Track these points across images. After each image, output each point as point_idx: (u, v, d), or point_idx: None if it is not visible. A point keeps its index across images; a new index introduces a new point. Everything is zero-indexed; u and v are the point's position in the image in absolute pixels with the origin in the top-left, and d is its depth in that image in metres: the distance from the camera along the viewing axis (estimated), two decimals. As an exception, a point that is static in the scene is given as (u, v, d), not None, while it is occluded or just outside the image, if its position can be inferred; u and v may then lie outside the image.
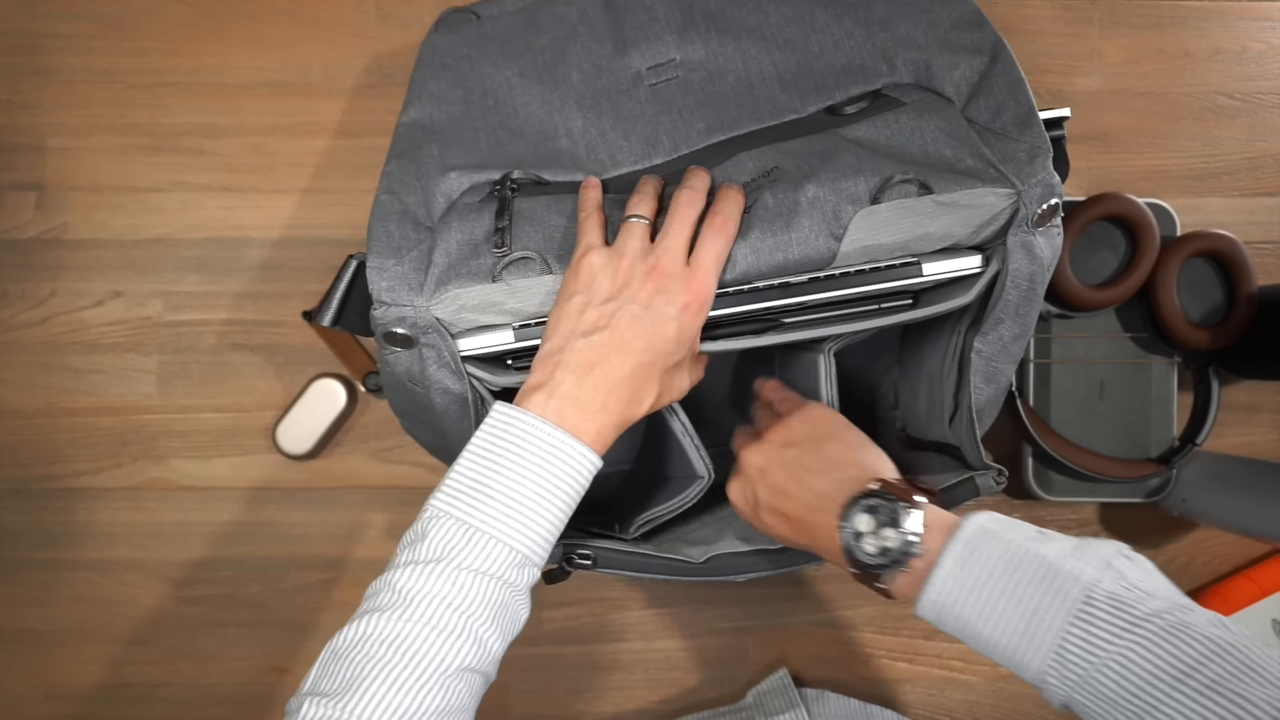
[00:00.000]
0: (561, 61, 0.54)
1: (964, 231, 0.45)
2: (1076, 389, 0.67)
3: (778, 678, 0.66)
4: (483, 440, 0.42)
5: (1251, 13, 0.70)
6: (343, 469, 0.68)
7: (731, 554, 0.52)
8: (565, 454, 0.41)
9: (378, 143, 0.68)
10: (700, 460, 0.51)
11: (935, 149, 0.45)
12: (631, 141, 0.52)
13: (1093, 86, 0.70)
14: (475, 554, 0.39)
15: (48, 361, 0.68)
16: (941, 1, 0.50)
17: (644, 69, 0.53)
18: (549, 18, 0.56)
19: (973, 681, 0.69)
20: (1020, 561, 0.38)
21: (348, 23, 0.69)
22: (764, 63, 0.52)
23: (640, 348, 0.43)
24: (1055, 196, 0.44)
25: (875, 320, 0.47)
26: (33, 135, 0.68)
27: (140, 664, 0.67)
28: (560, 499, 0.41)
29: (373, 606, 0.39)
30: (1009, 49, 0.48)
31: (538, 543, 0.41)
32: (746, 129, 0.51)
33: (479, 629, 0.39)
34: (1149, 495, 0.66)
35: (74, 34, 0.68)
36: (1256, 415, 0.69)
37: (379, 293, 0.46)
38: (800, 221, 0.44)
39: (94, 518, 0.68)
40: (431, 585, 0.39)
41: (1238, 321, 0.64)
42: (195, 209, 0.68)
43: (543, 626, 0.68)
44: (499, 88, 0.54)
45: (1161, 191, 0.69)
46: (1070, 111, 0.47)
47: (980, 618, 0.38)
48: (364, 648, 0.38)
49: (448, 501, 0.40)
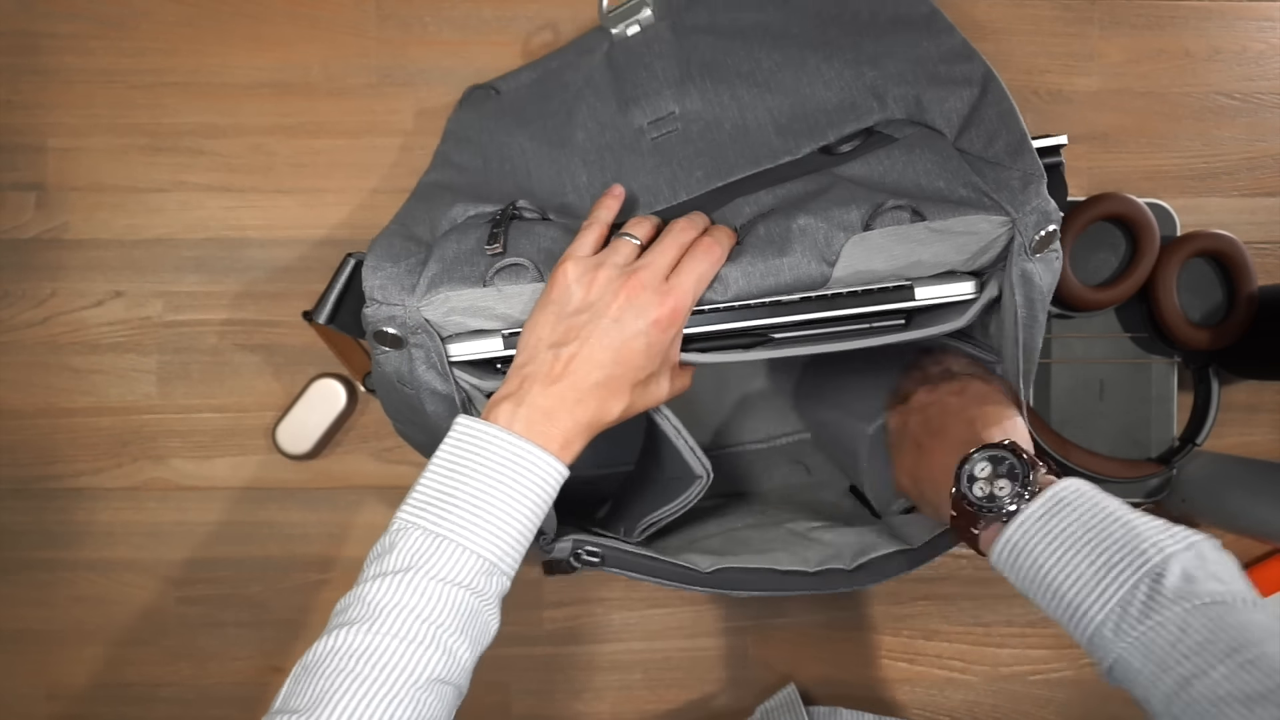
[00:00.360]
0: (569, 123, 0.56)
1: (959, 259, 0.46)
2: (1076, 389, 0.67)
3: (785, 694, 0.65)
4: (447, 453, 0.42)
5: (1251, 13, 0.70)
6: (343, 469, 0.68)
7: (739, 569, 0.53)
8: (530, 462, 0.41)
9: (378, 143, 0.68)
10: (697, 460, 0.51)
11: (928, 181, 0.46)
12: (633, 191, 0.53)
13: (1093, 86, 0.70)
14: (443, 562, 0.39)
15: (48, 361, 0.68)
16: (929, 36, 0.50)
17: (645, 124, 0.55)
18: (558, 84, 0.58)
19: (973, 681, 0.69)
20: (1108, 520, 0.40)
21: (348, 23, 0.69)
22: (758, 109, 0.53)
23: (608, 360, 0.43)
24: (1052, 223, 0.44)
25: (865, 340, 0.48)
26: (33, 135, 0.68)
27: (140, 664, 0.67)
28: (527, 507, 0.42)
29: (342, 620, 0.39)
30: (999, 79, 0.48)
31: (506, 550, 0.41)
32: (744, 173, 0.52)
33: (448, 639, 0.39)
34: (1149, 495, 0.66)
35: (74, 34, 0.68)
36: (1256, 415, 0.69)
37: (371, 290, 0.47)
38: (792, 248, 0.45)
39: (94, 518, 0.68)
40: (400, 596, 0.39)
41: (1238, 321, 0.64)
42: (195, 209, 0.68)
43: (543, 626, 0.68)
44: (514, 154, 0.56)
45: (1161, 191, 0.69)
46: (1066, 139, 0.47)
47: (1054, 561, 0.40)
48: (333, 661, 0.38)
49: (414, 513, 0.41)
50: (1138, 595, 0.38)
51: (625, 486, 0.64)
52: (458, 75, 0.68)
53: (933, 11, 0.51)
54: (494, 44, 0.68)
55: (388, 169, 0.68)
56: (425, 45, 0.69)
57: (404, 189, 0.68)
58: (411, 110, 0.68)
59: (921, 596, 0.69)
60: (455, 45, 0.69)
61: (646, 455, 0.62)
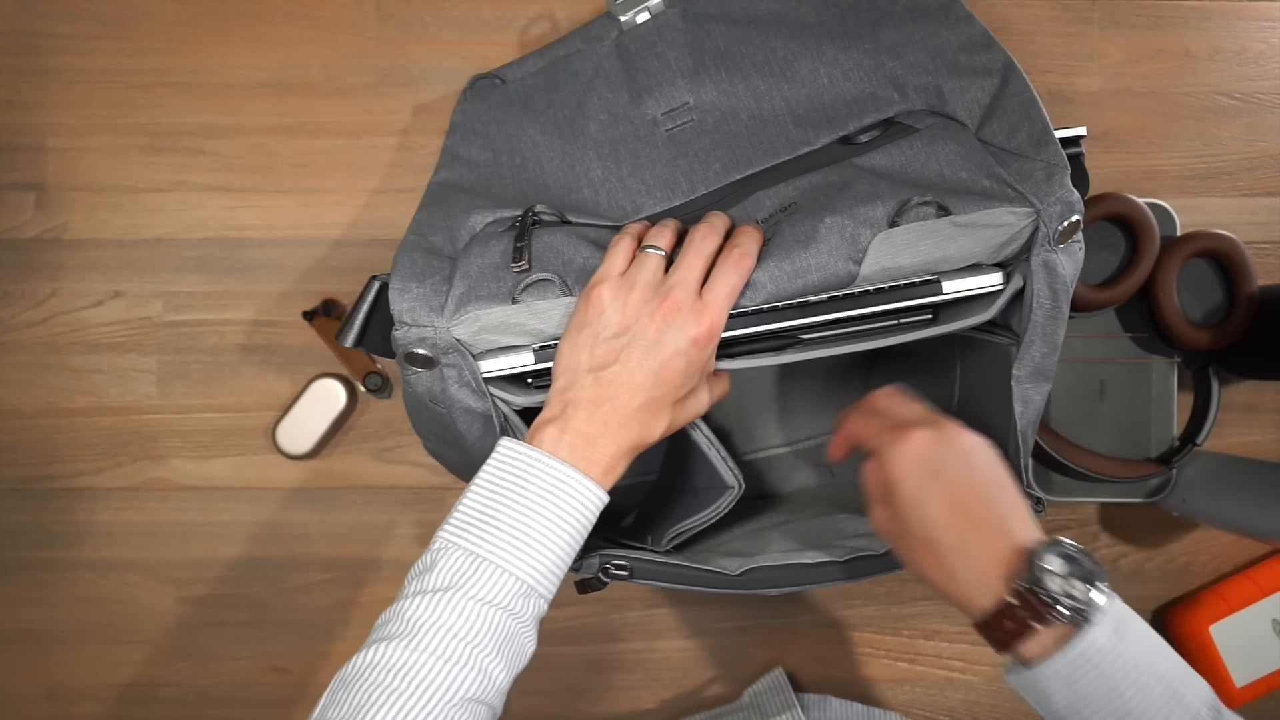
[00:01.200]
0: (580, 115, 0.55)
1: (984, 251, 0.45)
2: (1076, 389, 0.67)
3: (773, 677, 0.65)
4: (490, 475, 0.43)
5: (1251, 13, 0.70)
6: (343, 469, 0.68)
7: (768, 567, 0.52)
8: (571, 488, 0.42)
9: (378, 142, 0.68)
10: (729, 471, 0.50)
11: (951, 173, 0.45)
12: (650, 185, 0.52)
13: (1093, 86, 0.70)
14: (482, 583, 0.40)
15: (48, 361, 0.68)
16: (949, 26, 0.50)
17: (659, 115, 0.54)
18: (567, 74, 0.57)
19: (973, 681, 0.69)
20: (1164, 649, 0.40)
21: (348, 23, 0.69)
22: (775, 99, 0.52)
23: (649, 383, 0.43)
24: (1075, 213, 0.43)
25: (894, 336, 0.47)
26: (33, 135, 0.68)
27: (140, 664, 0.67)
28: (566, 532, 0.42)
29: (382, 635, 0.40)
30: (1020, 69, 0.47)
31: (544, 574, 0.42)
32: (762, 165, 0.51)
33: (484, 660, 0.40)
34: (1149, 495, 0.66)
35: (74, 34, 0.68)
36: (1256, 415, 0.69)
37: (400, 314, 0.46)
38: (819, 248, 0.44)
39: (94, 518, 0.68)
40: (438, 615, 0.39)
41: (1238, 321, 0.64)
42: (195, 209, 0.68)
43: (543, 626, 0.68)
44: (524, 146, 0.56)
45: (1161, 191, 0.69)
46: (1086, 130, 0.46)
47: (1128, 682, 0.38)
48: (371, 676, 0.38)
49: (455, 533, 0.41)
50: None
51: (651, 496, 0.63)
52: (458, 75, 0.68)
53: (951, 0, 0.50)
54: (494, 44, 0.68)
55: (388, 169, 0.68)
56: (425, 45, 0.69)
57: (404, 189, 0.68)
58: (411, 110, 0.68)
59: (921, 596, 0.69)
60: (455, 45, 0.69)
61: (672, 464, 0.61)
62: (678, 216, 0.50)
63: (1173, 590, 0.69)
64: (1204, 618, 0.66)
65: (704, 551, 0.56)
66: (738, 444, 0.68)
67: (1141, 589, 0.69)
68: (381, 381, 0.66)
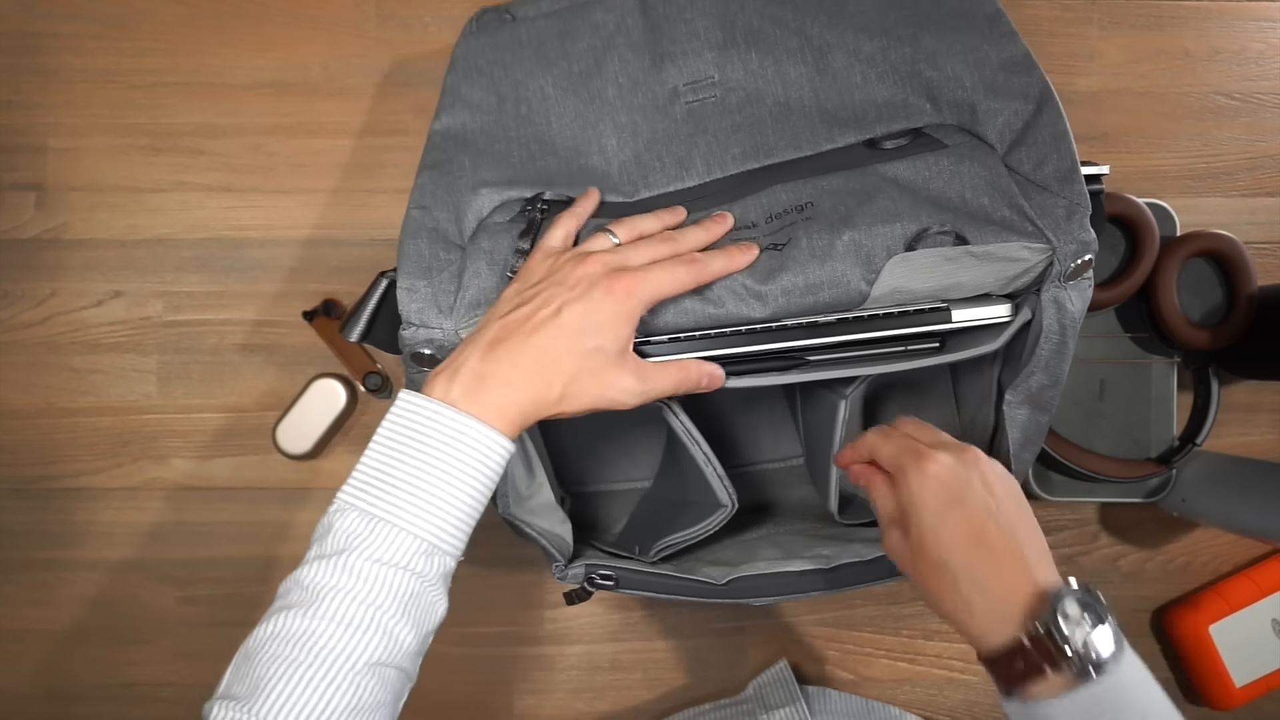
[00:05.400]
0: (597, 74, 0.53)
1: (995, 282, 0.45)
2: (1076, 389, 0.67)
3: (778, 669, 0.65)
4: (387, 431, 0.41)
5: (1251, 13, 0.70)
6: (343, 469, 0.68)
7: (754, 576, 0.52)
8: (470, 439, 0.40)
9: (378, 142, 0.68)
10: (724, 490, 0.50)
11: (973, 197, 0.44)
12: (665, 163, 0.51)
13: (1093, 86, 0.70)
14: (380, 544, 0.39)
15: (48, 361, 0.68)
16: (991, 40, 0.48)
17: (681, 85, 0.52)
18: (585, 24, 0.54)
19: (973, 681, 0.69)
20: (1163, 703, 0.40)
21: (348, 23, 0.69)
22: (804, 89, 0.51)
23: (548, 319, 0.42)
24: (1090, 253, 0.43)
25: (901, 363, 0.47)
26: (33, 135, 0.68)
27: (140, 664, 0.67)
28: (469, 485, 0.40)
29: (283, 605, 0.39)
30: (1056, 98, 0.46)
31: (448, 531, 0.40)
32: (782, 157, 0.50)
33: (388, 622, 0.38)
34: (1149, 495, 0.66)
35: (74, 34, 0.68)
36: (1256, 415, 0.69)
37: (408, 314, 0.46)
38: (834, 265, 0.44)
39: (94, 518, 0.68)
40: (337, 579, 0.38)
41: (1238, 321, 0.64)
42: (195, 209, 0.68)
43: (543, 626, 0.68)
44: (533, 96, 0.54)
45: (1161, 191, 0.69)
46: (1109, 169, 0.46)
47: None
48: (272, 647, 0.37)
49: (352, 494, 0.40)
50: None
51: (641, 505, 0.63)
52: (458, 75, 0.68)
53: (997, 12, 0.49)
54: (494, 44, 0.68)
55: (388, 169, 0.68)
56: (425, 45, 0.69)
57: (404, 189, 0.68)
58: (411, 110, 0.68)
59: (922, 596, 0.69)
60: (455, 45, 0.69)
61: (666, 475, 0.61)
62: (688, 199, 0.49)
63: (1172, 590, 0.70)
64: (1204, 618, 0.66)
65: (691, 561, 0.55)
66: (731, 457, 0.68)
67: (1141, 589, 0.69)
68: (382, 381, 0.66)
